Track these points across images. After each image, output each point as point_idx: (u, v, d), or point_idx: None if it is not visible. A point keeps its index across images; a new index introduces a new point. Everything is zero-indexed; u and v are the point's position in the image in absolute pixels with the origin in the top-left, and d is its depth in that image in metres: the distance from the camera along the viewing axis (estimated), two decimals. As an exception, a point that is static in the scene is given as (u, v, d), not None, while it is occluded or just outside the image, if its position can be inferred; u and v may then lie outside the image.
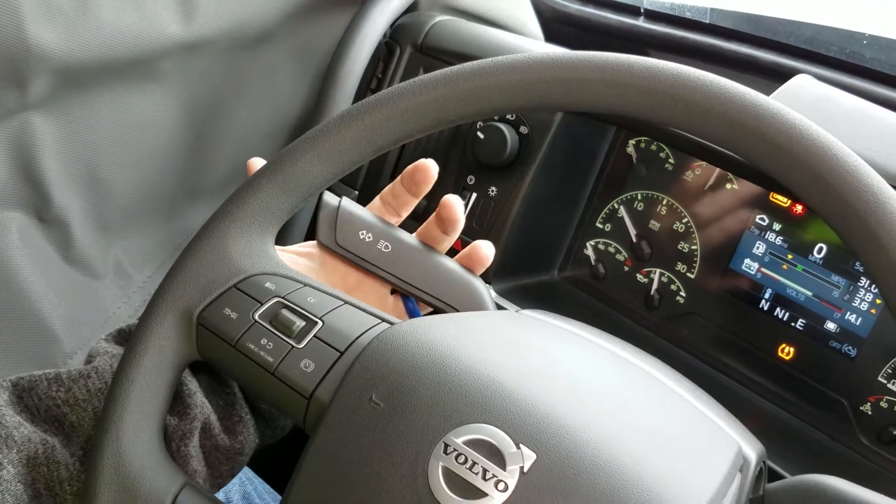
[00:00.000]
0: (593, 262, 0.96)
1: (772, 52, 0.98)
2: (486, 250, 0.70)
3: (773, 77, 0.95)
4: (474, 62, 0.55)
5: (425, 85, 0.55)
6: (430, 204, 0.96)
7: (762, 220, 0.84)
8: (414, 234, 0.69)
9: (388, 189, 0.72)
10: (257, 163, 0.65)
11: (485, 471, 0.45)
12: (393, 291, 0.71)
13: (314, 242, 0.69)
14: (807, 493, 0.49)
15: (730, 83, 0.49)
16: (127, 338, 0.63)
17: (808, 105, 0.72)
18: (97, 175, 0.85)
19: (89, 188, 0.85)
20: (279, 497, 0.97)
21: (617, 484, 0.44)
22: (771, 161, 0.48)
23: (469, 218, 0.93)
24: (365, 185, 1.04)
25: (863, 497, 0.48)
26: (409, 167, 0.70)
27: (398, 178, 0.71)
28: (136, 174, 0.89)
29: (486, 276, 0.68)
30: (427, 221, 0.70)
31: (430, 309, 0.67)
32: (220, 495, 0.89)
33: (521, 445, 0.46)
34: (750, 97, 0.48)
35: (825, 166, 0.46)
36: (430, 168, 0.69)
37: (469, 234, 0.93)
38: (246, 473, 0.96)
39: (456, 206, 0.68)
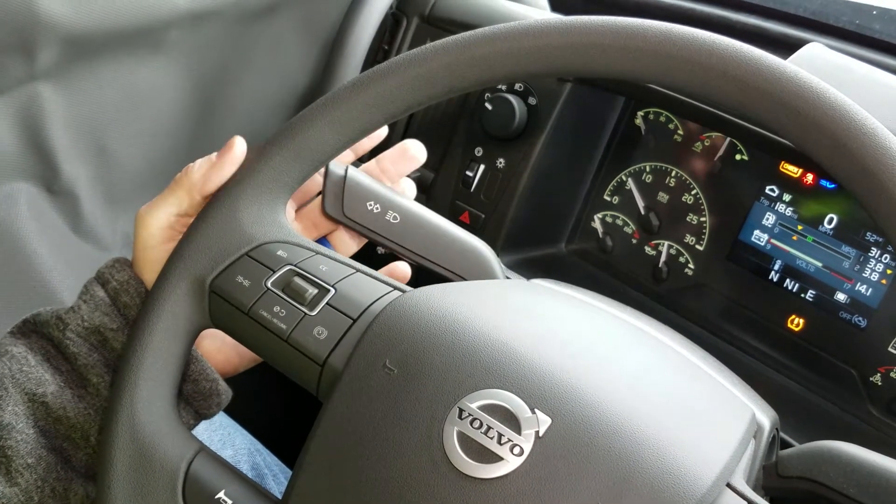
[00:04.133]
0: (601, 235, 0.96)
1: (781, 23, 0.98)
2: (416, 149, 0.71)
3: (783, 48, 0.94)
4: (486, 28, 0.54)
5: (437, 51, 0.55)
6: (437, 177, 0.96)
7: (772, 190, 0.83)
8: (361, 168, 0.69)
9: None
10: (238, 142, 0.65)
11: (500, 435, 0.45)
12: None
13: None
14: (820, 458, 0.49)
15: (745, 46, 0.49)
16: (33, 329, 0.61)
17: (821, 72, 0.71)
18: (105, 146, 0.85)
19: (97, 160, 0.85)
20: (288, 469, 0.98)
21: (632, 448, 0.45)
22: (788, 124, 0.47)
23: (477, 190, 0.93)
24: (372, 156, 1.04)
25: (876, 462, 0.48)
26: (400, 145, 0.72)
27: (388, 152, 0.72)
28: (143, 146, 0.89)
29: (494, 248, 0.68)
30: (381, 158, 0.71)
31: None
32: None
33: (536, 410, 0.46)
34: (766, 60, 0.48)
35: (842, 128, 0.45)
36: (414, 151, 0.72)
37: (477, 207, 0.92)
38: (255, 445, 0.97)
39: (415, 147, 0.71)
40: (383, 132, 0.72)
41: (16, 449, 0.55)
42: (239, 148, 0.59)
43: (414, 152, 0.71)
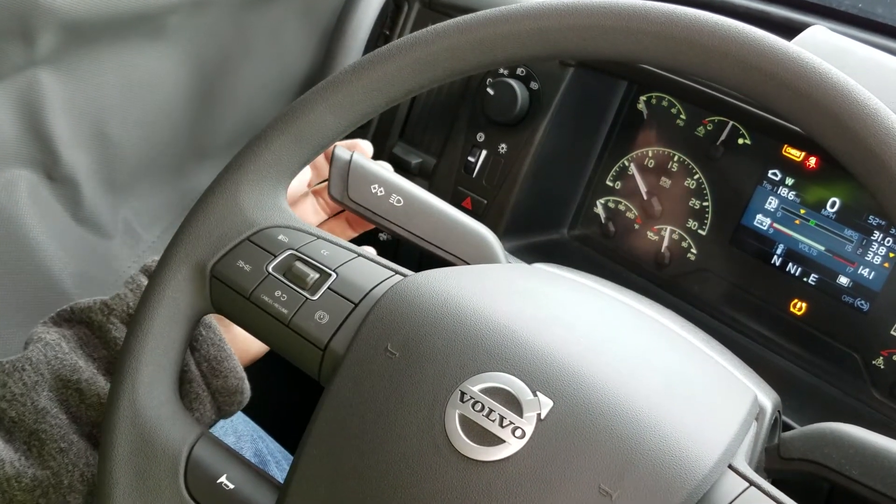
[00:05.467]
0: (603, 220, 0.96)
1: (784, 7, 0.97)
2: (364, 146, 0.74)
3: (786, 32, 0.94)
4: (487, 10, 0.54)
5: (438, 34, 0.55)
6: (439, 163, 0.96)
7: (774, 174, 0.83)
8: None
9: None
10: None
11: (502, 418, 0.45)
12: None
13: None
14: (822, 440, 0.50)
15: (747, 27, 0.49)
16: (67, 318, 0.62)
17: (824, 55, 0.71)
18: (105, 133, 0.85)
19: (97, 147, 0.85)
20: (291, 455, 0.98)
21: (634, 430, 0.44)
22: (790, 106, 0.47)
23: (479, 175, 0.92)
24: (373, 142, 1.03)
25: (879, 443, 0.48)
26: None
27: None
28: (143, 133, 0.89)
29: (496, 234, 0.68)
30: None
31: None
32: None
33: (537, 393, 0.46)
34: (768, 41, 0.48)
35: (845, 109, 0.45)
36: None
37: (479, 192, 0.92)
38: (258, 431, 0.97)
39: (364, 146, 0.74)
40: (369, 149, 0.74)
41: (49, 433, 0.57)
42: None
43: (362, 150, 0.73)
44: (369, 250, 0.70)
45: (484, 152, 0.92)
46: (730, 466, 0.46)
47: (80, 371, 0.59)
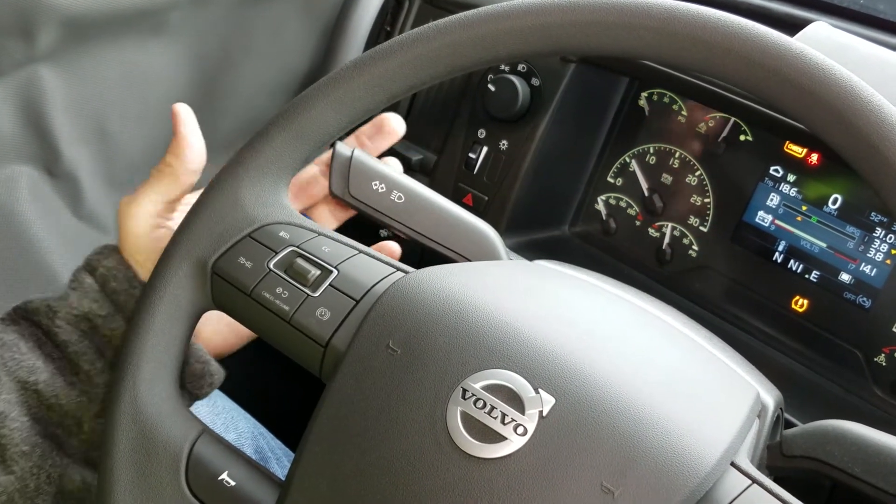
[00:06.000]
0: (604, 217, 0.96)
1: (785, 3, 0.97)
2: (395, 122, 0.70)
3: (787, 28, 0.94)
4: (488, 6, 0.54)
5: (439, 30, 0.55)
6: (439, 159, 0.96)
7: (776, 171, 0.83)
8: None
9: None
10: (181, 108, 0.66)
11: (504, 415, 0.45)
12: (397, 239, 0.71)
13: None
14: (824, 437, 0.49)
15: (750, 24, 0.48)
16: (24, 315, 0.61)
17: (826, 51, 0.70)
18: (106, 129, 0.85)
19: (98, 143, 0.85)
20: (291, 452, 0.98)
21: (636, 427, 0.44)
22: (793, 102, 0.47)
23: (480, 172, 0.92)
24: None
25: (882, 441, 0.48)
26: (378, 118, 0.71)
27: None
28: (144, 129, 0.89)
29: (497, 231, 0.68)
30: (358, 133, 0.70)
31: None
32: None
33: (539, 390, 0.46)
34: (771, 37, 0.48)
35: (849, 106, 0.45)
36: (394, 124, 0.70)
37: (480, 189, 0.92)
38: (258, 428, 0.97)
39: (394, 121, 0.70)
40: (402, 129, 0.71)
41: (10, 437, 0.56)
42: (182, 109, 0.62)
43: (392, 126, 0.70)
44: (394, 246, 0.69)
45: (485, 149, 0.92)
46: (732, 464, 0.45)
47: (38, 372, 0.58)
